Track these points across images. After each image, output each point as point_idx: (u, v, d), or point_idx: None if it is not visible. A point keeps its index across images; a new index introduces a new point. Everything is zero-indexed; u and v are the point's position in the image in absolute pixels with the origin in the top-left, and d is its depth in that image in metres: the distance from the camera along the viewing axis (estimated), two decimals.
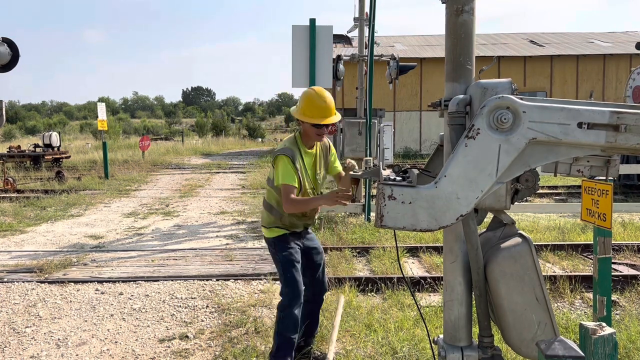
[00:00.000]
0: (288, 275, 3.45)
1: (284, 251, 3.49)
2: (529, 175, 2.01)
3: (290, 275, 3.44)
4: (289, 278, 3.45)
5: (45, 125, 57.13)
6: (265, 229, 3.59)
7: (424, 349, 3.83)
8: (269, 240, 3.59)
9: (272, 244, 3.57)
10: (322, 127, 3.38)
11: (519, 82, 26.14)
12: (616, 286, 5.28)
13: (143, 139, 23.88)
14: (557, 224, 8.63)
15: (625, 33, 32.53)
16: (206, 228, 9.09)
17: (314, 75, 8.43)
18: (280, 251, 3.49)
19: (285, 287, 3.47)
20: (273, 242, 3.54)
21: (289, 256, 3.48)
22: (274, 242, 3.54)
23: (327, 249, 7.04)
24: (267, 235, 3.60)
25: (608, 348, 1.63)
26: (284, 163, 3.33)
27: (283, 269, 3.48)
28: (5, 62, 4.33)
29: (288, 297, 3.44)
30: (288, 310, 3.42)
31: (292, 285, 3.44)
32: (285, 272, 3.47)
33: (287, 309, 3.42)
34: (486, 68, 2.20)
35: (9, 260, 6.87)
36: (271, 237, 3.55)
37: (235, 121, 65.16)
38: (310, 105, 3.36)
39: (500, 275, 2.03)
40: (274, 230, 3.53)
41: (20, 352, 4.10)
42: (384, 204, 1.89)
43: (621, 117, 1.78)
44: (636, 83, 12.38)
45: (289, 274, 3.45)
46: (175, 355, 4.00)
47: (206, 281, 5.77)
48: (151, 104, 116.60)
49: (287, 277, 3.45)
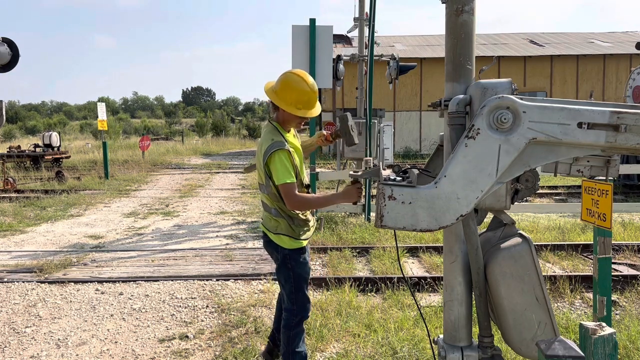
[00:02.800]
0: (300, 294, 3.18)
1: (299, 267, 3.17)
2: (529, 175, 2.01)
3: (302, 293, 3.19)
4: (301, 297, 3.19)
5: (45, 125, 57.10)
6: (274, 236, 3.18)
7: (424, 349, 3.83)
8: (282, 250, 3.16)
9: (287, 257, 3.16)
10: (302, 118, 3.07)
11: (519, 82, 26.15)
12: (616, 286, 5.28)
13: (143, 139, 23.86)
14: (557, 224, 8.63)
15: (625, 33, 32.54)
16: (206, 228, 9.09)
17: (314, 75, 8.42)
18: (297, 267, 3.16)
19: (295, 306, 3.19)
20: (289, 254, 3.15)
21: (304, 274, 3.19)
22: (290, 254, 3.15)
23: (327, 249, 7.05)
24: (280, 244, 3.16)
25: (608, 348, 1.63)
26: (281, 158, 2.94)
27: (296, 286, 3.17)
28: (5, 62, 4.32)
29: (298, 316, 3.20)
30: (298, 327, 3.22)
31: (302, 304, 3.20)
32: (297, 291, 3.18)
33: (297, 327, 3.21)
34: (486, 68, 2.20)
35: (9, 260, 6.87)
36: (287, 247, 3.14)
37: (235, 121, 65.11)
38: (299, 95, 3.00)
39: (500, 275, 2.03)
40: (287, 240, 3.14)
41: (20, 352, 4.10)
42: (384, 204, 1.89)
43: (621, 117, 1.78)
44: (636, 83, 12.38)
45: (301, 292, 3.19)
46: (175, 355, 4.00)
47: (206, 281, 5.77)
48: (151, 104, 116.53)
49: (299, 295, 3.19)
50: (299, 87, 3.01)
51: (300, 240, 3.16)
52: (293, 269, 3.17)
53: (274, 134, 3.05)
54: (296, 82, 3.02)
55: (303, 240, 3.18)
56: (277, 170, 2.96)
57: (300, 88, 3.00)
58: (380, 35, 14.51)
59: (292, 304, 3.20)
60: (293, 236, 3.14)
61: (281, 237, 3.15)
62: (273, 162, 2.96)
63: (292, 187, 2.95)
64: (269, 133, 3.08)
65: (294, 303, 3.20)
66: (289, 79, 3.04)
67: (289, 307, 3.22)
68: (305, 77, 3.04)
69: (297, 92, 3.00)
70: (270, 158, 2.97)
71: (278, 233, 3.16)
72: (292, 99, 3.00)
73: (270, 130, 3.10)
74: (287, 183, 2.94)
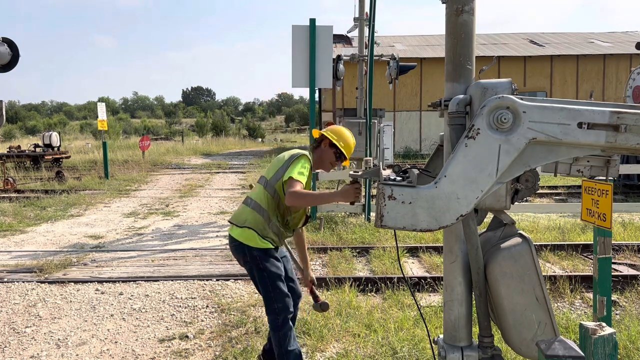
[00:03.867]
0: (277, 291, 3.23)
1: (272, 265, 3.24)
2: (529, 175, 2.01)
3: (279, 290, 3.24)
4: (279, 293, 3.23)
5: (45, 125, 57.13)
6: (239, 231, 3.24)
7: (424, 349, 3.84)
8: (250, 251, 3.22)
9: (256, 257, 3.23)
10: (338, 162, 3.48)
11: (519, 82, 26.15)
12: (616, 286, 5.29)
13: (143, 139, 23.87)
14: (557, 224, 8.63)
15: (625, 33, 32.54)
16: (206, 228, 9.09)
17: (314, 75, 8.43)
18: (270, 266, 3.23)
19: (276, 303, 3.23)
20: (258, 255, 3.22)
21: (277, 271, 3.25)
22: (259, 255, 3.22)
23: (327, 249, 7.05)
24: (249, 244, 3.21)
25: (608, 348, 1.63)
26: (304, 164, 3.17)
27: (273, 285, 3.23)
28: (5, 62, 4.32)
29: (282, 314, 3.24)
30: (285, 326, 3.24)
31: (282, 300, 3.24)
32: (274, 289, 3.23)
33: (283, 326, 3.24)
34: (486, 68, 2.20)
35: (9, 260, 6.87)
36: (254, 247, 3.21)
37: (235, 121, 65.18)
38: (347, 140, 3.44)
39: (500, 275, 2.03)
40: (258, 240, 3.21)
41: (20, 352, 4.10)
42: (384, 204, 1.89)
43: (621, 117, 1.78)
44: (636, 83, 12.38)
45: (278, 289, 3.23)
46: (175, 355, 4.00)
47: (206, 281, 5.77)
48: (151, 104, 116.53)
49: (277, 293, 3.23)
50: (349, 135, 3.48)
51: (266, 241, 3.22)
52: (266, 269, 3.22)
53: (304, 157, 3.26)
54: (348, 132, 3.50)
55: (268, 241, 3.23)
56: (295, 167, 3.14)
57: (350, 135, 3.48)
58: (380, 35, 14.50)
59: (273, 303, 3.24)
60: (258, 232, 3.21)
61: (246, 232, 3.21)
62: (297, 161, 3.19)
63: (299, 183, 3.06)
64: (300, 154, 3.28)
65: (274, 302, 3.24)
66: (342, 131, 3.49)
67: (271, 308, 3.25)
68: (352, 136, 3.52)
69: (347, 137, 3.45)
70: (297, 159, 3.20)
71: (244, 226, 3.23)
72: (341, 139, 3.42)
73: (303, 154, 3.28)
74: (297, 179, 3.07)
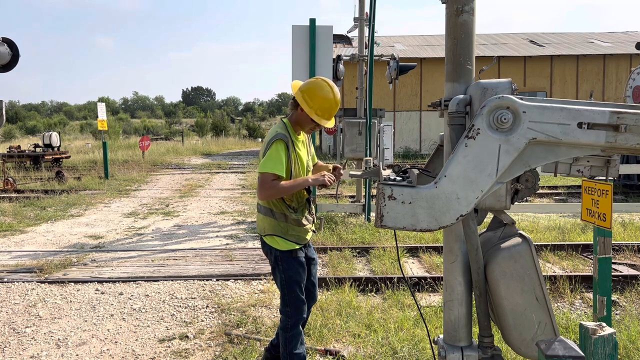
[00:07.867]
0: (293, 295, 3.19)
1: (291, 269, 3.17)
2: (529, 175, 2.01)
3: (295, 296, 3.19)
4: (294, 298, 3.20)
5: (45, 125, 57.09)
6: (266, 237, 3.21)
7: (424, 349, 3.84)
8: (274, 252, 3.18)
9: (277, 258, 3.17)
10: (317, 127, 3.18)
11: (519, 82, 26.16)
12: (616, 286, 5.29)
13: (143, 139, 23.86)
14: (557, 224, 8.63)
15: (625, 33, 32.55)
16: (206, 228, 9.09)
17: (314, 75, 8.42)
18: (288, 269, 3.17)
19: (288, 307, 3.21)
20: (280, 256, 3.16)
21: (295, 276, 3.18)
22: (281, 256, 3.16)
23: (327, 249, 7.05)
24: (272, 245, 3.18)
25: (608, 348, 1.63)
26: (277, 148, 2.98)
27: (288, 289, 3.18)
28: (5, 62, 4.32)
29: (293, 318, 3.21)
30: (294, 329, 3.22)
31: (296, 306, 3.20)
32: (290, 293, 3.19)
33: (293, 329, 3.22)
34: (486, 68, 2.20)
35: (9, 260, 6.87)
36: (277, 249, 3.16)
37: (235, 121, 65.14)
38: (322, 102, 3.06)
39: (500, 275, 2.03)
40: (280, 242, 3.15)
41: (20, 352, 4.10)
42: (384, 204, 1.89)
43: (621, 117, 1.78)
44: (636, 83, 12.37)
45: (293, 294, 3.19)
46: (175, 355, 4.00)
47: (206, 281, 5.77)
48: (151, 104, 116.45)
49: (292, 297, 3.19)
50: (325, 94, 3.06)
51: (291, 242, 3.15)
52: (284, 272, 3.17)
53: (281, 129, 3.11)
54: (324, 88, 3.08)
55: (293, 242, 3.16)
56: (266, 158, 2.99)
57: (325, 95, 3.06)
58: (380, 35, 14.51)
59: (286, 306, 3.22)
60: (283, 236, 3.13)
61: (273, 238, 3.17)
62: (271, 149, 3.00)
63: (269, 176, 2.94)
64: (277, 127, 3.14)
65: (287, 305, 3.21)
66: (318, 84, 3.10)
67: (283, 309, 3.24)
68: (333, 88, 3.11)
69: (322, 98, 3.05)
70: (270, 146, 3.00)
71: (267, 234, 3.19)
72: (315, 103, 3.05)
73: (280, 125, 3.15)
74: (266, 172, 2.95)
